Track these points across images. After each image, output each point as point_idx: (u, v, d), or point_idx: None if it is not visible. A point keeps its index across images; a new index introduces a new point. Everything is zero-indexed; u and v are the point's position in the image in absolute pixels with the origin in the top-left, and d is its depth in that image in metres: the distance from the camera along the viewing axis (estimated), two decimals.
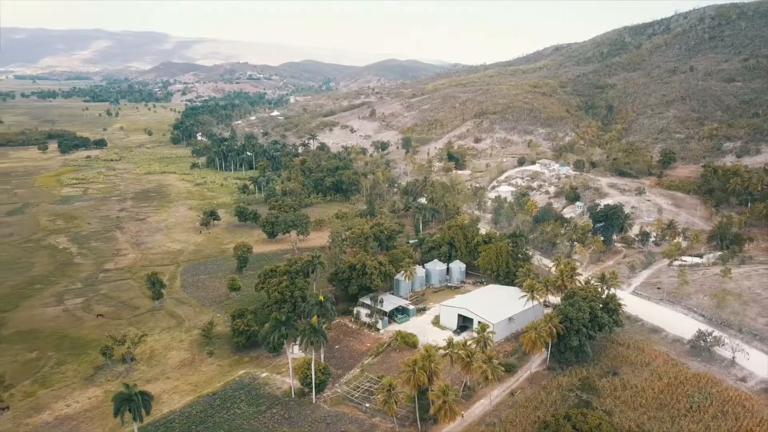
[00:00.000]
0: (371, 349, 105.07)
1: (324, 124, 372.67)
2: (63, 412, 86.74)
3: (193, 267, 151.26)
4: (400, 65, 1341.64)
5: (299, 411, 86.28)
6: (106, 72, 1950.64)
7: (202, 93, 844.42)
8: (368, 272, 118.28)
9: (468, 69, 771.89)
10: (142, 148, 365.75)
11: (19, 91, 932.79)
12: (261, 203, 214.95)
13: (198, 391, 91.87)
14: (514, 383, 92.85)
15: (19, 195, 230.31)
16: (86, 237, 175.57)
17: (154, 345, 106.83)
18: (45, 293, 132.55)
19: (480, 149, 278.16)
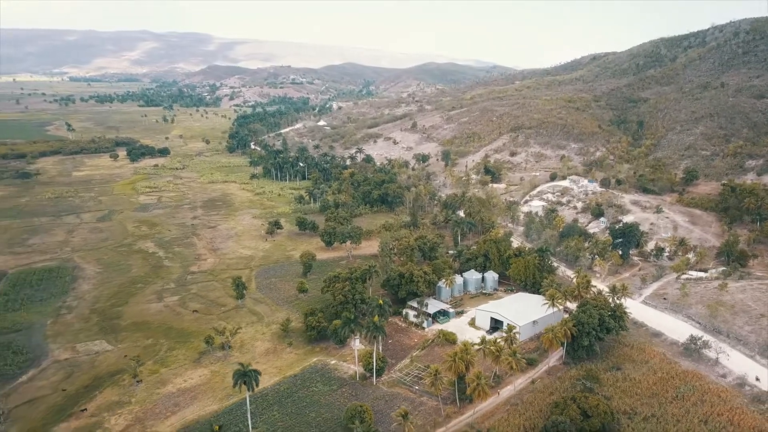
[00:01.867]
0: (418, 343, 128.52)
1: (368, 135, 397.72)
2: (182, 385, 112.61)
3: (265, 271, 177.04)
4: (438, 68, 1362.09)
5: (363, 391, 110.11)
6: (154, 74, 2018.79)
7: (248, 98, 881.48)
8: (415, 280, 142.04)
9: (506, 76, 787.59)
10: (202, 156, 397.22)
11: (76, 94, 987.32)
12: (316, 213, 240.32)
13: (282, 373, 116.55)
14: (535, 374, 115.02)
15: (103, 202, 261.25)
16: (169, 242, 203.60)
17: (243, 336, 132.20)
18: (146, 291, 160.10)
19: (515, 163, 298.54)
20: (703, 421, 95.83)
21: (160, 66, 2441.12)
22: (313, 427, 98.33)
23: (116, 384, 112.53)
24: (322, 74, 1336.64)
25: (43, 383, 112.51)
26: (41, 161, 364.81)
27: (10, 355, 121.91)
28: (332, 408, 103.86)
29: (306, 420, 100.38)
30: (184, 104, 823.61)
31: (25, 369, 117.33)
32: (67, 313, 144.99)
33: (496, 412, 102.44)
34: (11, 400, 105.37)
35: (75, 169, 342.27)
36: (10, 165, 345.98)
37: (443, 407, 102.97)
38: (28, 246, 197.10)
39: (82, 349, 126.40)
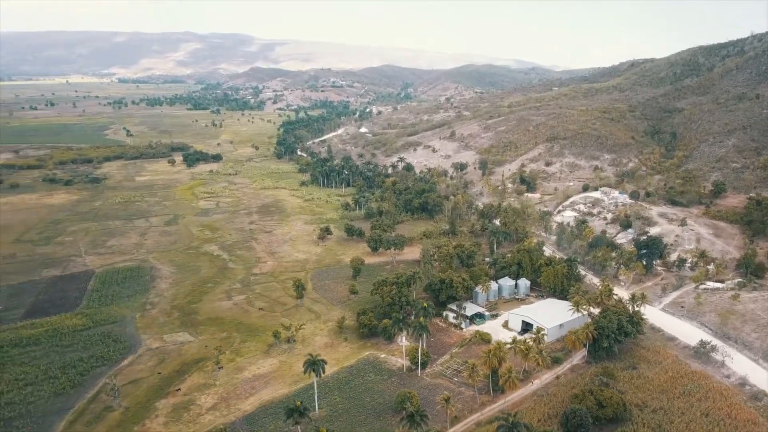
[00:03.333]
0: (457, 342, 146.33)
1: (408, 143, 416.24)
2: (256, 372, 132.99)
3: (318, 273, 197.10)
4: (477, 71, 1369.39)
5: (409, 381, 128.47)
6: (198, 75, 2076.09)
7: (291, 102, 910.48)
8: (454, 285, 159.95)
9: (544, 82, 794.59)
10: (252, 162, 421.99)
11: (127, 96, 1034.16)
12: (361, 219, 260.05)
13: (340, 364, 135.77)
14: (559, 370, 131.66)
15: (168, 207, 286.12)
16: (231, 246, 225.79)
17: (304, 332, 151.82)
18: (216, 290, 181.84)
19: (550, 173, 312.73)
20: (704, 414, 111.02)
21: (204, 67, 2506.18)
22: (369, 410, 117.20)
23: (201, 369, 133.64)
24: (362, 77, 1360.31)
25: (141, 367, 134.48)
26: (106, 166, 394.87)
27: (112, 343, 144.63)
28: (383, 394, 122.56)
29: (362, 403, 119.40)
30: (230, 108, 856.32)
31: (125, 355, 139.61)
32: (152, 308, 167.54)
33: (524, 401, 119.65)
34: (119, 379, 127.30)
35: (137, 174, 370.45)
36: (80, 169, 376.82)
37: (479, 396, 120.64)
38: (108, 247, 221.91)
39: (169, 339, 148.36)
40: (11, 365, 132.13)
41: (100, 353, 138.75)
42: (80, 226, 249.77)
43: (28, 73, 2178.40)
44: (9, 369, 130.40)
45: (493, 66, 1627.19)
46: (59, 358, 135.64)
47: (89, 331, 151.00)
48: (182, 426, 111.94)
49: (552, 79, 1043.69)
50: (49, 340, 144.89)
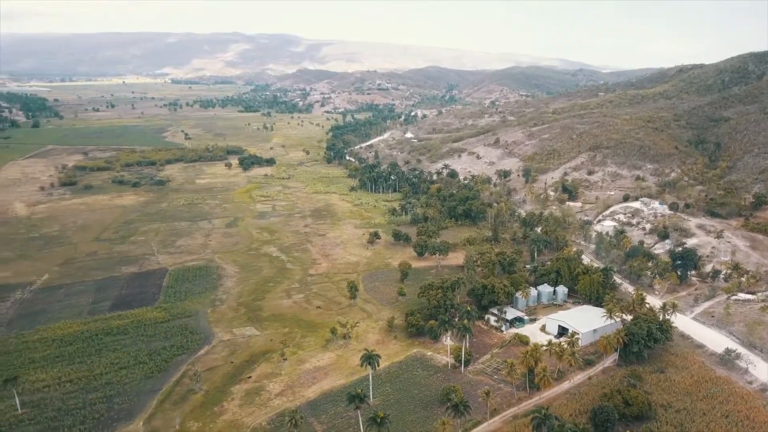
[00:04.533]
0: (497, 343, 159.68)
1: (453, 150, 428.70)
2: (316, 364, 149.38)
3: (369, 275, 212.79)
4: (522, 72, 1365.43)
5: (453, 376, 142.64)
6: (246, 76, 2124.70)
7: (338, 105, 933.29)
8: (496, 291, 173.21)
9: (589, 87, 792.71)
10: (303, 166, 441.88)
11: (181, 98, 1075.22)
12: (407, 224, 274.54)
13: (390, 360, 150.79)
14: (592, 372, 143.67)
15: (228, 210, 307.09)
16: (288, 248, 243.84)
17: (357, 329, 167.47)
18: (277, 289, 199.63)
19: (592, 181, 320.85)
20: (724, 416, 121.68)
21: (252, 67, 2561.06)
22: (417, 400, 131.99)
23: (268, 360, 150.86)
24: (407, 78, 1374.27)
25: (215, 356, 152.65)
26: (168, 168, 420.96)
27: (189, 334, 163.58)
28: (430, 388, 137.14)
29: (411, 395, 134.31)
30: (279, 110, 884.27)
31: (202, 345, 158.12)
32: (221, 304, 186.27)
33: (558, 398, 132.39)
34: (197, 367, 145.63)
35: (197, 177, 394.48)
36: (144, 171, 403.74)
37: (516, 392, 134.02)
38: (177, 247, 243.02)
39: (238, 333, 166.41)
40: (106, 351, 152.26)
41: (180, 343, 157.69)
42: (150, 226, 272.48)
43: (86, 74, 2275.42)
44: (105, 354, 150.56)
45: (538, 67, 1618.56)
46: (145, 347, 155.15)
47: (168, 323, 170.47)
48: (255, 408, 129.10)
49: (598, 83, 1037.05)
50: (135, 330, 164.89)
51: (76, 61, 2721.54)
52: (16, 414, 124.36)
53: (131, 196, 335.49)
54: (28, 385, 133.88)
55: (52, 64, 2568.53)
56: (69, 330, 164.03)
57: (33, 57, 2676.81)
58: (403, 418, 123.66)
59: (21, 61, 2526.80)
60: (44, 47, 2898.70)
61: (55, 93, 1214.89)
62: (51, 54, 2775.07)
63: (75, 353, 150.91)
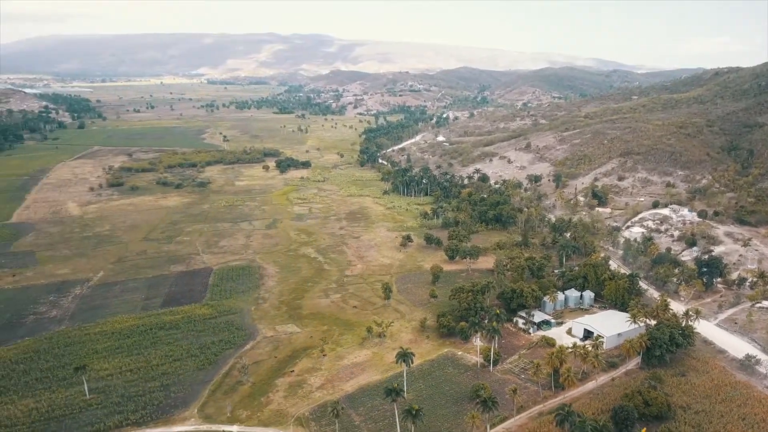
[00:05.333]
0: (525, 344, 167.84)
1: (484, 154, 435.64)
2: (353, 360, 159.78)
3: (402, 277, 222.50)
4: (555, 74, 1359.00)
5: (482, 375, 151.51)
6: (280, 76, 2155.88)
7: (370, 106, 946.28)
8: (524, 295, 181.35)
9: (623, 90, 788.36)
10: (337, 169, 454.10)
11: (217, 99, 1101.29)
12: (438, 228, 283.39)
13: (423, 358, 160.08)
14: (615, 374, 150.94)
15: (266, 211, 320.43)
16: (325, 249, 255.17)
17: (392, 329, 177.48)
18: (316, 289, 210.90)
19: (622, 187, 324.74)
20: (741, 418, 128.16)
21: (285, 68, 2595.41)
22: (448, 396, 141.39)
23: (308, 356, 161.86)
24: (439, 80, 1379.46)
25: (260, 351, 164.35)
26: (208, 170, 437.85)
27: (235, 330, 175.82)
28: (460, 385, 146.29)
29: (442, 391, 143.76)
30: (313, 112, 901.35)
31: (247, 341, 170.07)
32: (263, 302, 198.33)
33: (581, 398, 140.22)
34: (245, 360, 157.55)
35: (236, 179, 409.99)
36: (186, 173, 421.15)
37: (542, 391, 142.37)
38: (220, 247, 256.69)
39: (280, 329, 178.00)
40: (161, 344, 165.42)
41: (227, 338, 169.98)
42: (194, 227, 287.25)
43: (127, 74, 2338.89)
44: (160, 347, 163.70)
45: (572, 68, 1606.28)
46: (196, 341, 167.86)
47: (215, 319, 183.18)
48: (298, 400, 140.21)
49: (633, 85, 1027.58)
50: (186, 325, 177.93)
51: (118, 61, 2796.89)
52: (85, 399, 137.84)
53: (175, 197, 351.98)
54: (94, 373, 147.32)
55: (94, 64, 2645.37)
56: (126, 324, 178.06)
57: (76, 58, 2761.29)
58: (435, 412, 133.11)
59: (65, 62, 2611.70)
60: (88, 48, 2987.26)
61: (96, 94, 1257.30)
62: (94, 55, 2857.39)
63: (133, 345, 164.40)
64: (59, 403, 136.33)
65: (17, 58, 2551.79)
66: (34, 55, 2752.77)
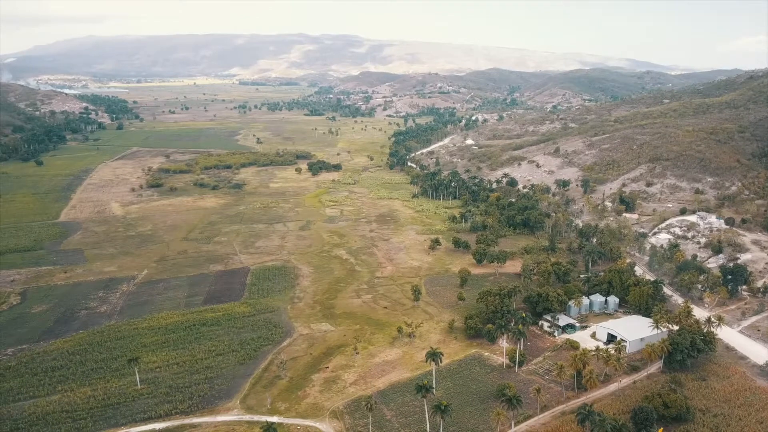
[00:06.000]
0: (549, 347, 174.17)
1: (513, 158, 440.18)
2: (384, 358, 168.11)
3: (430, 280, 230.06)
4: (586, 75, 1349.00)
5: (508, 375, 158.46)
6: (310, 77, 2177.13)
7: (399, 109, 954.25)
8: (550, 299, 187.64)
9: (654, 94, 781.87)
10: (367, 172, 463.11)
11: (249, 100, 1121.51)
12: (466, 231, 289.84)
13: (451, 358, 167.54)
14: (637, 377, 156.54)
15: (300, 213, 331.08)
16: (356, 251, 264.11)
17: (421, 329, 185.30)
18: (348, 290, 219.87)
19: (650, 193, 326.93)
20: (759, 422, 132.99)
21: (315, 68, 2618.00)
22: (474, 395, 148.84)
23: (342, 353, 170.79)
24: (468, 81, 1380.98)
25: (297, 348, 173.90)
26: (243, 171, 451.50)
27: (272, 327, 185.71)
28: (486, 384, 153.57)
29: (469, 389, 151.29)
30: (343, 114, 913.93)
31: (284, 338, 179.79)
32: (299, 301, 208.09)
33: (603, 399, 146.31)
34: (282, 356, 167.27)
35: (270, 181, 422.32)
36: (222, 174, 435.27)
37: (565, 392, 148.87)
38: (256, 248, 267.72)
39: (315, 328, 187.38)
40: (203, 339, 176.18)
41: (266, 335, 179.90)
42: (231, 227, 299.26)
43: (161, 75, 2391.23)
44: (203, 342, 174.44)
45: (603, 70, 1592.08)
46: (236, 337, 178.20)
47: (254, 317, 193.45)
48: (332, 394, 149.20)
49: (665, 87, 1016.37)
50: (227, 322, 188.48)
51: (152, 62, 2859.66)
52: (137, 388, 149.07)
53: (212, 198, 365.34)
54: (144, 365, 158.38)
55: (129, 65, 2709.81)
56: (171, 320, 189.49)
57: (112, 58, 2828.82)
58: (462, 409, 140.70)
59: (101, 63, 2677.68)
60: (123, 49, 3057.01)
61: (132, 94, 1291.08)
62: (129, 56, 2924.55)
63: (178, 340, 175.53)
64: (114, 391, 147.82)
65: (56, 59, 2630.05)
66: (72, 55, 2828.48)
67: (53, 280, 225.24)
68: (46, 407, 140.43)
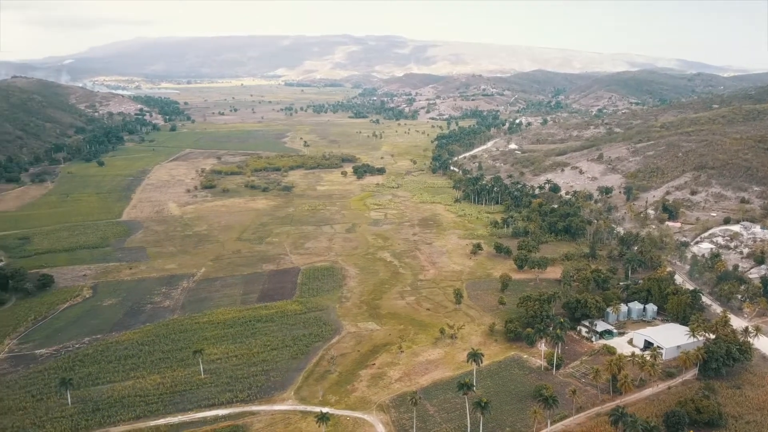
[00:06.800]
0: (587, 351, 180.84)
1: (556, 164, 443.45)
2: (427, 358, 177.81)
3: (472, 284, 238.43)
4: (633, 78, 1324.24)
5: (545, 377, 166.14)
6: (354, 78, 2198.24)
7: (443, 111, 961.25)
8: (588, 306, 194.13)
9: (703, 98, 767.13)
10: (410, 175, 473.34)
11: (294, 102, 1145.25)
12: (508, 237, 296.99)
13: (491, 359, 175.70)
14: (672, 383, 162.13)
15: (345, 216, 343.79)
16: (400, 254, 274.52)
17: (462, 331, 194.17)
18: (392, 291, 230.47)
19: (694, 202, 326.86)
20: None
21: (359, 69, 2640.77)
22: (513, 394, 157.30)
23: (387, 351, 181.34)
24: (512, 83, 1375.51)
25: (345, 345, 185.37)
26: (291, 174, 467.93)
27: (322, 325, 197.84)
28: (525, 385, 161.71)
29: (507, 389, 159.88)
30: (386, 116, 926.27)
31: (333, 335, 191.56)
32: (346, 301, 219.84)
33: (637, 402, 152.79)
34: (332, 352, 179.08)
35: (317, 184, 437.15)
36: (271, 177, 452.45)
37: (600, 394, 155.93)
38: (305, 249, 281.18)
39: (362, 326, 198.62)
40: (259, 335, 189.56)
41: (316, 332, 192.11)
42: (281, 229, 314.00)
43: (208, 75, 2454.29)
44: (258, 337, 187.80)
45: (651, 72, 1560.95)
46: (289, 333, 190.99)
47: (305, 315, 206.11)
48: (379, 389, 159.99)
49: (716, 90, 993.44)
50: (280, 319, 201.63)
51: (200, 63, 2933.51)
52: (201, 378, 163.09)
53: (262, 200, 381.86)
54: (206, 356, 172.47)
55: (179, 66, 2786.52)
56: (228, 316, 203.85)
57: (162, 60, 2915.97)
58: (500, 407, 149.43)
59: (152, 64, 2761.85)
60: (172, 51, 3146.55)
61: (183, 95, 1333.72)
62: (179, 57, 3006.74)
63: (236, 335, 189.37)
64: (180, 379, 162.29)
65: (110, 61, 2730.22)
66: (124, 57, 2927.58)
67: (120, 276, 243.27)
68: (121, 391, 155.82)
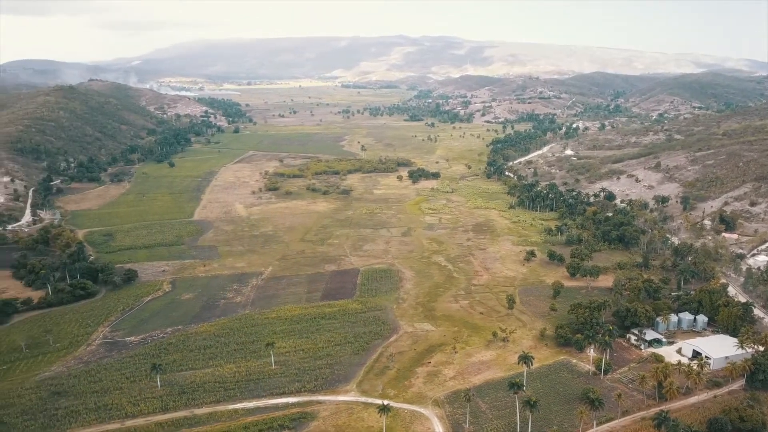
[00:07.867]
0: (635, 359, 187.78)
1: (612, 171, 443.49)
2: (480, 359, 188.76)
3: (524, 290, 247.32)
4: (697, 81, 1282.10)
5: (593, 381, 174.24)
6: (410, 80, 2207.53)
7: (498, 114, 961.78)
8: (638, 314, 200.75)
9: None
10: (464, 180, 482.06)
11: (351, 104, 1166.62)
12: (561, 244, 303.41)
13: (541, 362, 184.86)
14: (718, 392, 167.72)
15: (401, 220, 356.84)
16: (454, 259, 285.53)
17: (514, 335, 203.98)
18: (446, 294, 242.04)
19: (753, 213, 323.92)
20: None
21: (415, 70, 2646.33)
22: (561, 396, 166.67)
23: (442, 351, 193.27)
24: (570, 86, 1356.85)
25: (402, 343, 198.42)
26: (349, 178, 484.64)
27: (381, 324, 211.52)
28: (572, 387, 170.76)
29: (556, 391, 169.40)
30: (441, 120, 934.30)
31: (391, 334, 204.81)
32: (403, 302, 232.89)
33: (682, 409, 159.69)
34: (391, 350, 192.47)
35: (374, 188, 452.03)
36: (330, 180, 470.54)
37: (646, 400, 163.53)
38: (364, 251, 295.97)
39: (418, 327, 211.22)
40: (323, 331, 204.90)
41: (375, 330, 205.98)
42: (341, 231, 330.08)
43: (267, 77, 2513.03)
44: (322, 333, 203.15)
45: (716, 74, 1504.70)
46: (350, 330, 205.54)
47: (364, 314, 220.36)
48: (434, 386, 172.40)
49: None
50: (342, 317, 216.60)
51: (258, 64, 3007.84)
52: (271, 368, 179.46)
53: (323, 203, 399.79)
54: (275, 350, 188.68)
55: (238, 67, 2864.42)
56: (295, 312, 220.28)
57: (222, 61, 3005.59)
58: (549, 407, 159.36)
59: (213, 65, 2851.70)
60: (232, 52, 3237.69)
61: (243, 96, 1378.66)
62: (238, 58, 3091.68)
63: (302, 330, 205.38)
64: (253, 369, 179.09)
65: (173, 62, 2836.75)
66: (187, 58, 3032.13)
67: (195, 273, 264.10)
68: (202, 377, 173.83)
